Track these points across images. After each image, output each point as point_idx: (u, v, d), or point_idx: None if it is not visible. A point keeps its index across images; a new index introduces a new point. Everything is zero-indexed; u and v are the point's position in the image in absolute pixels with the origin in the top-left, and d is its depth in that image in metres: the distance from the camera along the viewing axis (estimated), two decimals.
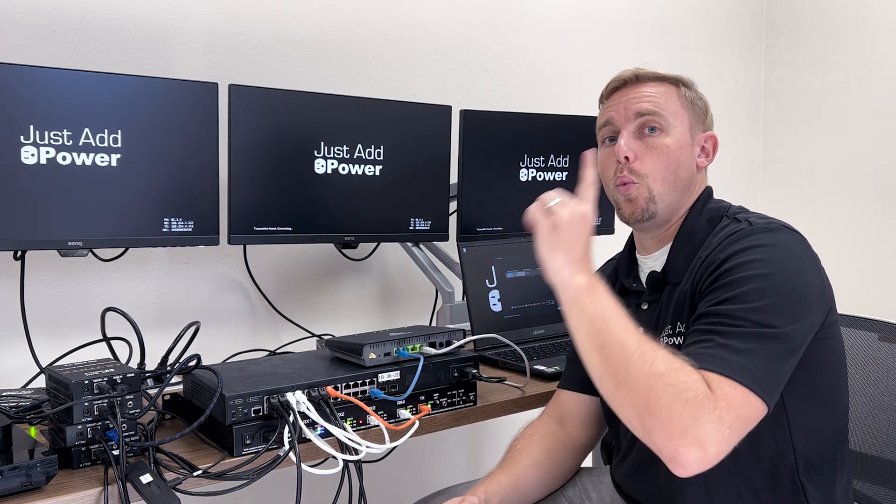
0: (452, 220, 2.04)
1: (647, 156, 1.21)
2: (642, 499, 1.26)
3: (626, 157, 1.21)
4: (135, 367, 1.33)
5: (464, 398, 1.44)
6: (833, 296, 1.14)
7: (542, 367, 1.63)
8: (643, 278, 1.28)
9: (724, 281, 1.06)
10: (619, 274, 1.34)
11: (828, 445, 1.14)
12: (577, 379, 1.37)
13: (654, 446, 0.95)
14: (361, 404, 1.28)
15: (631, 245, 1.34)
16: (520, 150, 2.10)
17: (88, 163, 1.49)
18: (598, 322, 1.02)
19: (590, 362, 1.04)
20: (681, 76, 1.26)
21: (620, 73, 1.27)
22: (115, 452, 1.09)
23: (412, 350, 1.39)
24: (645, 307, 1.26)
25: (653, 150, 1.21)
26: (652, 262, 1.27)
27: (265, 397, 1.20)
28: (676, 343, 1.15)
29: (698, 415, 0.92)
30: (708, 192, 1.27)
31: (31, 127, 1.43)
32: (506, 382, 1.55)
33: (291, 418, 1.19)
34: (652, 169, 1.21)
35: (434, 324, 2.12)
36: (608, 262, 1.44)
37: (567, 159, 2.17)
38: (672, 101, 1.23)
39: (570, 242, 1.08)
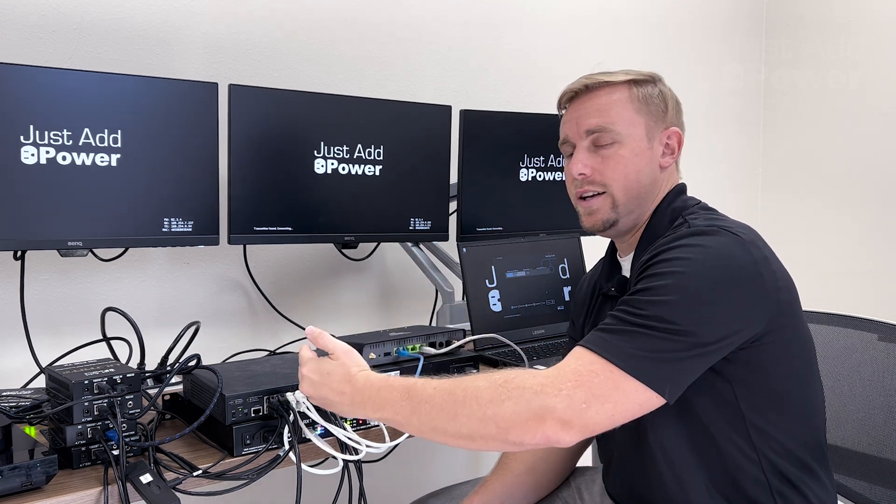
0: (452, 220, 2.04)
1: (605, 168, 1.20)
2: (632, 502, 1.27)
3: (583, 174, 1.21)
4: (135, 367, 1.33)
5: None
6: (788, 298, 1.10)
7: (541, 367, 1.62)
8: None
9: (644, 275, 1.08)
10: (600, 279, 1.33)
11: (799, 454, 1.13)
12: None
13: (535, 447, 1.01)
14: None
15: (613, 248, 1.34)
16: (520, 150, 2.10)
17: (88, 163, 1.49)
18: (404, 410, 1.05)
19: (437, 437, 1.05)
20: (634, 76, 1.22)
21: (571, 84, 1.25)
22: (115, 452, 1.09)
23: (412, 350, 1.39)
24: None
25: (609, 161, 1.20)
26: (627, 264, 1.26)
27: (265, 397, 1.21)
28: None
29: (544, 400, 0.97)
30: (676, 189, 1.24)
31: (31, 127, 1.43)
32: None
33: (291, 418, 1.20)
34: (612, 179, 1.20)
35: (434, 324, 2.12)
36: (600, 261, 1.43)
37: None
38: (624, 108, 1.20)
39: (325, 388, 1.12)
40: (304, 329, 1.96)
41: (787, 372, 1.12)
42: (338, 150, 1.80)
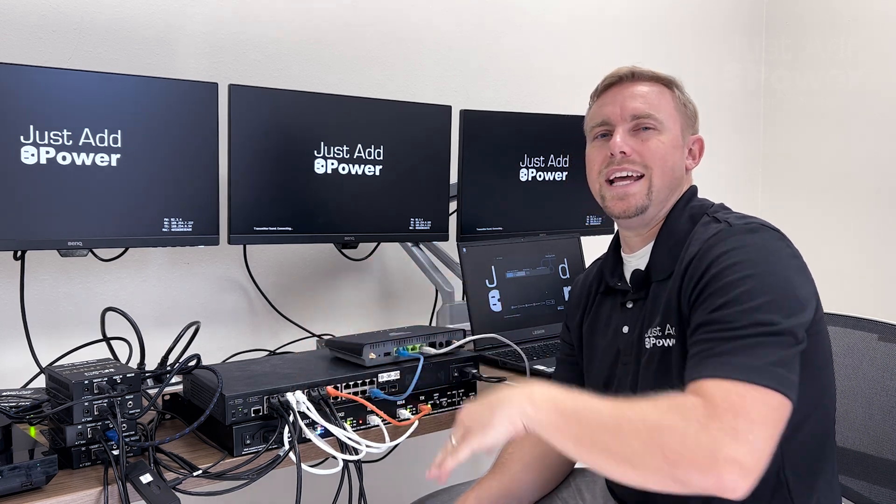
0: (452, 220, 2.04)
1: (645, 150, 1.22)
2: (634, 502, 1.26)
3: (623, 152, 1.21)
4: (135, 367, 1.33)
5: (464, 398, 1.44)
6: (817, 293, 1.13)
7: (541, 367, 1.63)
8: (627, 277, 1.29)
9: (714, 287, 1.06)
10: (604, 273, 1.34)
11: (812, 443, 1.13)
12: (568, 380, 1.37)
13: (702, 491, 0.91)
14: (364, 401, 1.28)
15: (616, 244, 1.34)
16: (520, 150, 2.10)
17: (88, 163, 1.49)
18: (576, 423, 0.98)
19: (593, 462, 0.99)
20: (674, 78, 1.27)
21: (616, 69, 1.27)
22: (115, 452, 1.09)
23: (412, 350, 1.39)
24: (630, 305, 1.25)
25: (649, 144, 1.22)
26: (636, 260, 1.27)
27: (265, 397, 1.21)
28: (666, 345, 1.15)
29: (714, 438, 0.90)
30: (692, 190, 1.28)
31: (31, 127, 1.43)
32: (506, 382, 1.54)
33: (291, 418, 1.19)
34: (653, 162, 1.21)
35: (434, 324, 2.12)
36: (594, 263, 1.43)
37: (567, 159, 2.17)
38: (666, 102, 1.24)
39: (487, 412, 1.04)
40: (304, 329, 1.97)
41: (819, 364, 1.13)
42: (338, 150, 1.80)
